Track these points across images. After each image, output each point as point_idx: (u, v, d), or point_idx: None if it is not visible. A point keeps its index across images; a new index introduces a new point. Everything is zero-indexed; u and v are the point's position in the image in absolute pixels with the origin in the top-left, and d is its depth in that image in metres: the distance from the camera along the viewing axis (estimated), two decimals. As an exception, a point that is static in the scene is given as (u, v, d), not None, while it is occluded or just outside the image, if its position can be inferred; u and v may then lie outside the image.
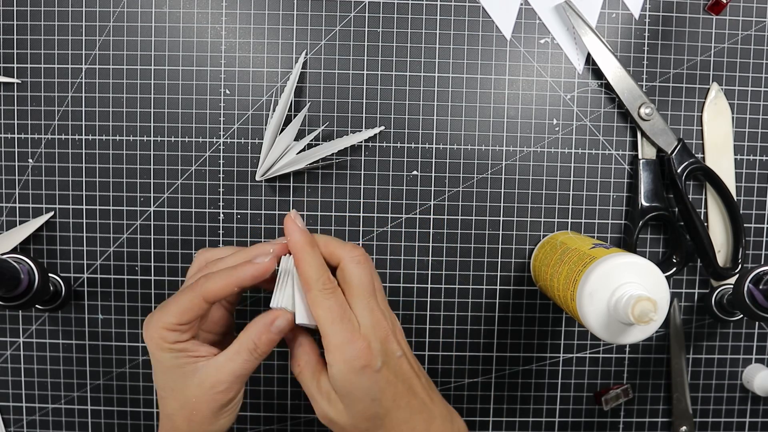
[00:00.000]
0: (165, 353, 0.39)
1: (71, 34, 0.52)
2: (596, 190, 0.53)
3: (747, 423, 0.56)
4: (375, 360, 0.39)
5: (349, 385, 0.39)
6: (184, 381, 0.40)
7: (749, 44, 0.53)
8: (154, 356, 0.40)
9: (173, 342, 0.39)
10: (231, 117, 0.53)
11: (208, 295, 0.39)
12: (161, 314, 0.39)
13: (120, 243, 0.53)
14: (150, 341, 0.40)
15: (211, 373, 0.39)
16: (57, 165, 0.53)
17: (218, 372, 0.39)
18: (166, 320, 0.39)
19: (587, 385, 0.55)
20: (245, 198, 0.53)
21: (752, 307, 0.45)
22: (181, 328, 0.39)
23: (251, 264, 0.39)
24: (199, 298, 0.39)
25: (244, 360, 0.39)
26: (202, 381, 0.39)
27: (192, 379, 0.39)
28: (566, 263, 0.45)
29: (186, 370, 0.40)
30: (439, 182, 0.53)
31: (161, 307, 0.40)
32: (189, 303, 0.39)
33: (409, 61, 0.52)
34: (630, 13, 0.52)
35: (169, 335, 0.39)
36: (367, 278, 0.41)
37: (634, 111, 0.52)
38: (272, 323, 0.40)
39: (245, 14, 0.52)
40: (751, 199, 0.54)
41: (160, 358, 0.40)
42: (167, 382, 0.40)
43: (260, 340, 0.39)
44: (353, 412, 0.40)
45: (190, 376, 0.40)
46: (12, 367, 0.54)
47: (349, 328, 0.39)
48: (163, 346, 0.39)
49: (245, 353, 0.39)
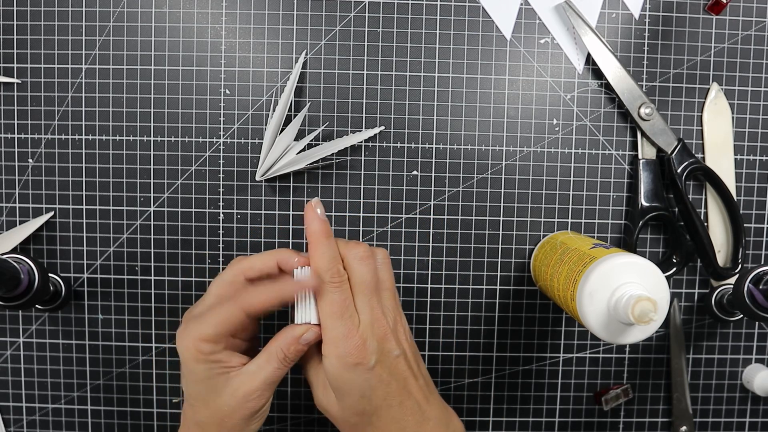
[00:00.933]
0: (200, 365, 0.39)
1: (71, 34, 0.52)
2: (596, 190, 0.53)
3: (747, 423, 0.56)
4: (368, 358, 0.39)
5: (340, 380, 0.39)
6: (217, 391, 0.40)
7: (749, 44, 0.53)
8: (188, 366, 0.40)
9: (209, 353, 0.39)
10: (231, 117, 0.53)
11: (251, 310, 0.39)
12: (198, 325, 0.40)
13: (120, 243, 0.53)
14: (185, 352, 0.40)
15: (244, 382, 0.40)
16: (57, 165, 0.53)
17: (251, 381, 0.40)
18: (203, 331, 0.39)
19: (587, 385, 0.55)
20: (245, 198, 0.53)
21: (752, 307, 0.45)
22: (218, 339, 0.39)
23: (295, 282, 0.40)
24: (240, 311, 0.39)
25: (275, 368, 0.40)
26: (234, 391, 0.40)
27: (225, 389, 0.40)
28: (566, 263, 0.45)
29: (218, 381, 0.40)
30: (439, 182, 0.53)
31: (197, 318, 0.40)
32: (229, 315, 0.39)
33: (409, 61, 0.52)
34: (630, 13, 0.52)
35: (206, 347, 0.39)
36: (369, 275, 0.41)
37: (634, 111, 0.52)
38: (301, 335, 0.40)
39: (245, 14, 0.52)
40: (751, 199, 0.54)
41: (193, 369, 0.40)
42: (199, 392, 0.40)
43: (289, 350, 0.40)
44: (343, 405, 0.40)
45: (222, 386, 0.40)
46: (12, 367, 0.54)
47: (347, 324, 0.39)
48: (198, 358, 0.39)
49: (275, 362, 0.40)
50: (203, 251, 0.53)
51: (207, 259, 0.53)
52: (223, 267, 0.54)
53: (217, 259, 0.53)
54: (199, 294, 0.54)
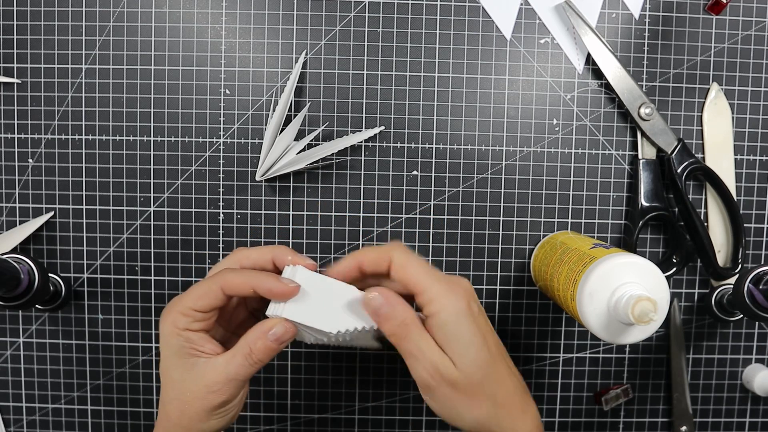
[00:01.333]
0: (173, 338, 0.39)
1: (71, 34, 0.52)
2: (596, 190, 0.53)
3: (747, 423, 0.56)
4: (473, 304, 0.39)
5: (461, 328, 0.38)
6: (183, 373, 0.40)
7: (749, 44, 0.53)
8: (164, 339, 0.40)
9: (183, 328, 0.39)
10: (231, 117, 0.53)
11: (226, 286, 0.39)
12: (179, 299, 0.40)
13: (120, 243, 0.53)
14: (163, 324, 0.40)
15: (208, 371, 0.39)
16: (57, 165, 0.53)
17: (214, 372, 0.39)
18: (182, 304, 0.39)
19: (587, 385, 0.55)
20: (245, 198, 0.53)
21: (752, 307, 0.45)
22: (195, 315, 0.39)
23: (278, 280, 0.39)
24: (217, 286, 0.39)
25: (239, 364, 0.39)
26: (198, 378, 0.39)
27: (190, 373, 0.40)
28: (566, 263, 0.45)
29: (186, 363, 0.40)
30: (439, 182, 0.53)
31: (180, 295, 0.41)
32: (206, 289, 0.39)
33: (409, 61, 0.52)
34: (630, 13, 0.52)
35: (182, 320, 0.39)
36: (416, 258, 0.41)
37: (634, 111, 0.52)
38: (269, 330, 0.39)
39: (245, 14, 0.52)
40: (751, 199, 0.54)
41: (167, 343, 0.40)
42: (169, 369, 0.40)
43: (255, 346, 0.39)
44: (467, 360, 0.38)
45: (189, 369, 0.40)
46: (12, 367, 0.54)
47: (443, 278, 0.39)
48: (172, 331, 0.39)
49: (240, 357, 0.39)
50: (203, 251, 0.53)
51: (207, 259, 0.53)
52: (223, 267, 0.54)
53: (217, 259, 0.53)
54: (199, 294, 0.54)
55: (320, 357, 0.55)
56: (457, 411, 0.39)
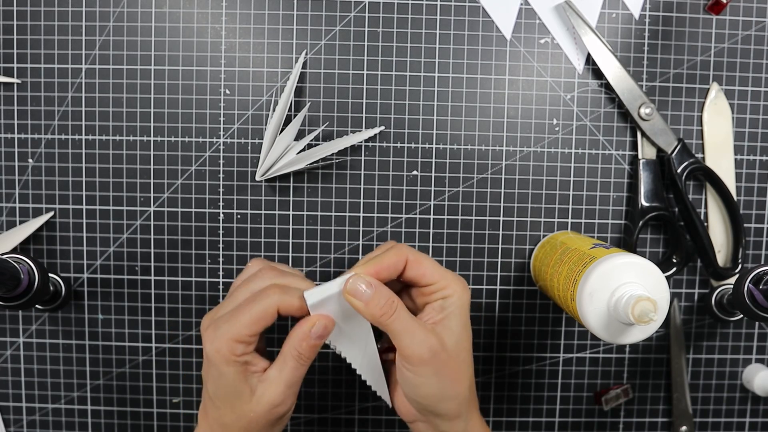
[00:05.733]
0: (230, 367, 0.39)
1: (71, 34, 0.52)
2: (596, 190, 0.53)
3: (747, 423, 0.56)
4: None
5: (463, 312, 0.42)
6: (242, 396, 0.40)
7: (749, 44, 0.53)
8: (218, 369, 0.39)
9: (240, 354, 0.39)
10: (231, 117, 0.53)
11: (283, 307, 0.39)
12: (230, 326, 0.39)
13: (120, 243, 0.53)
14: (217, 354, 0.39)
15: (268, 389, 0.40)
16: (57, 165, 0.53)
17: (275, 388, 0.40)
18: (237, 332, 0.39)
19: (587, 385, 0.55)
20: (245, 198, 0.53)
21: (752, 307, 0.45)
22: (250, 340, 0.39)
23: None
24: (273, 308, 0.39)
25: (292, 368, 0.40)
26: (259, 398, 0.40)
27: (250, 396, 0.40)
28: (566, 263, 0.45)
29: (245, 387, 0.40)
30: (439, 182, 0.53)
31: (227, 319, 0.39)
32: (263, 313, 0.39)
33: (409, 61, 0.52)
34: (630, 13, 0.52)
35: (238, 347, 0.39)
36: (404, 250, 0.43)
37: (634, 111, 0.52)
38: (310, 330, 0.40)
39: (245, 14, 0.52)
40: (751, 199, 0.54)
41: (224, 371, 0.39)
42: (227, 395, 0.40)
43: (302, 347, 0.40)
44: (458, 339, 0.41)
45: (248, 392, 0.40)
46: (12, 367, 0.54)
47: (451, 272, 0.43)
48: (230, 360, 0.39)
49: (291, 362, 0.40)
50: (203, 251, 0.53)
51: (207, 259, 0.53)
52: (223, 267, 0.54)
53: (217, 259, 0.53)
54: (200, 294, 0.54)
55: (320, 357, 0.55)
56: (442, 384, 0.40)
